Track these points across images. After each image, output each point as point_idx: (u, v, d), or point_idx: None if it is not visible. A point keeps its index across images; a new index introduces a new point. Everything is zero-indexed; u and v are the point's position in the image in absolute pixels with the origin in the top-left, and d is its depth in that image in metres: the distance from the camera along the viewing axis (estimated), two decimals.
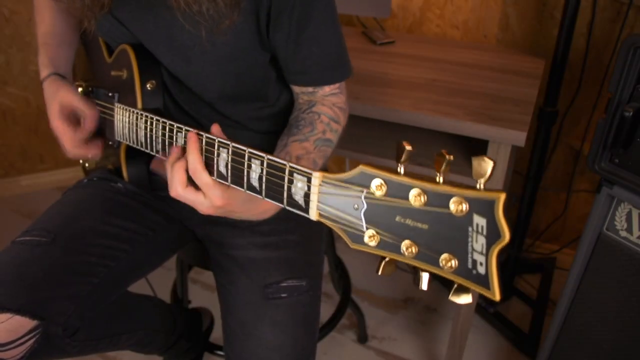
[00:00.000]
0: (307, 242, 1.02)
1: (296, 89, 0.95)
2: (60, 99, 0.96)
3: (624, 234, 1.06)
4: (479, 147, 1.36)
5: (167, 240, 1.05)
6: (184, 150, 0.75)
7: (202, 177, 0.71)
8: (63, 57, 1.04)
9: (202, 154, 0.72)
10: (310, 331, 0.96)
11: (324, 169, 0.73)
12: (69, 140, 0.96)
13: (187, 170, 0.72)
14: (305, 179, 0.59)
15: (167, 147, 0.83)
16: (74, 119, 0.99)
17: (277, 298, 0.94)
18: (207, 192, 0.71)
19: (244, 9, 0.83)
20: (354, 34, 1.73)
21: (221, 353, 1.42)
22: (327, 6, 0.87)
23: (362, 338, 1.68)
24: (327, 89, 0.93)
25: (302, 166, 0.81)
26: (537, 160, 1.57)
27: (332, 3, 0.88)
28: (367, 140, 1.42)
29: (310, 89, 0.93)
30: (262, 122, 1.02)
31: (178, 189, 0.72)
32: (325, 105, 0.92)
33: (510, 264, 1.78)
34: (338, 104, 0.93)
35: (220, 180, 0.72)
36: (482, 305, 1.73)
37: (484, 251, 0.46)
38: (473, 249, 0.47)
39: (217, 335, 1.51)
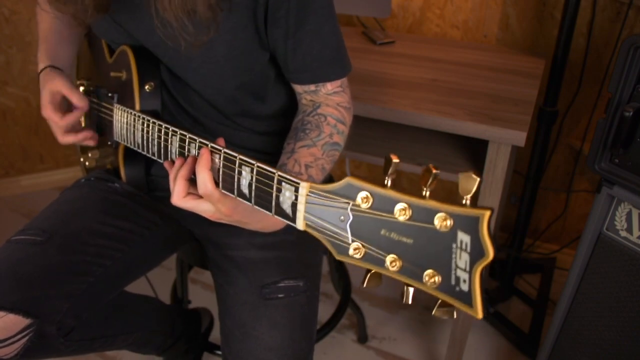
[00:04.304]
0: (305, 243, 1.02)
1: (298, 88, 0.94)
2: (50, 86, 0.96)
3: (624, 234, 1.06)
4: (479, 147, 1.36)
5: (163, 239, 1.05)
6: (184, 158, 0.76)
7: (213, 195, 0.71)
8: (62, 54, 1.05)
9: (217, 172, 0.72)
10: (308, 331, 0.96)
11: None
12: (56, 126, 0.97)
13: (187, 180, 0.73)
14: (293, 188, 0.59)
15: (162, 149, 0.84)
16: (65, 107, 0.99)
17: (274, 298, 0.93)
18: (215, 204, 0.72)
19: (239, 4, 0.83)
20: (354, 34, 1.73)
21: (220, 353, 1.42)
22: (325, 0, 0.87)
23: (362, 338, 1.68)
24: (329, 86, 0.92)
25: (311, 175, 0.81)
26: (537, 160, 1.57)
27: None
28: (367, 140, 1.42)
29: (312, 87, 0.92)
30: (260, 122, 1.02)
31: (174, 198, 0.74)
32: (330, 106, 0.91)
33: (510, 264, 1.77)
34: (342, 104, 0.92)
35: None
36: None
37: (468, 268, 0.46)
38: (457, 266, 0.46)
39: (216, 335, 1.51)
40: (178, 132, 0.78)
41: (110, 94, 1.00)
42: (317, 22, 0.86)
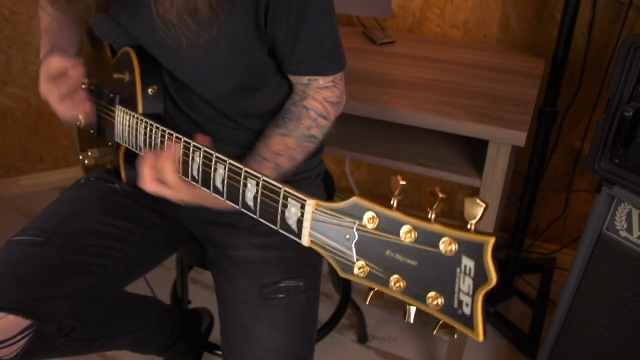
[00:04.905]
0: None
1: (292, 77, 0.96)
2: (46, 63, 0.92)
3: (624, 234, 1.06)
4: (479, 147, 1.36)
5: (163, 239, 1.05)
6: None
7: (167, 177, 0.77)
8: (64, 40, 1.04)
9: (179, 162, 0.78)
10: (308, 331, 0.96)
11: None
12: (54, 96, 0.91)
13: (153, 167, 0.78)
14: (299, 205, 0.59)
15: None
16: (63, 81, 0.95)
17: (274, 298, 0.93)
18: (174, 188, 0.78)
19: (240, 5, 0.83)
20: (354, 34, 1.73)
21: (221, 353, 1.42)
22: None
23: (362, 338, 1.68)
24: (321, 81, 0.93)
25: (278, 162, 0.84)
26: (537, 160, 1.57)
27: None
28: (367, 140, 1.42)
29: (305, 80, 0.94)
30: (260, 121, 1.02)
31: (142, 182, 0.79)
32: (316, 100, 0.94)
33: (510, 264, 1.77)
34: (329, 98, 0.95)
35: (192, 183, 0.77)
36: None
37: (471, 292, 0.46)
38: (460, 290, 0.47)
39: (217, 334, 1.51)
40: (182, 139, 0.78)
41: (111, 95, 0.99)
42: (316, 22, 0.87)
